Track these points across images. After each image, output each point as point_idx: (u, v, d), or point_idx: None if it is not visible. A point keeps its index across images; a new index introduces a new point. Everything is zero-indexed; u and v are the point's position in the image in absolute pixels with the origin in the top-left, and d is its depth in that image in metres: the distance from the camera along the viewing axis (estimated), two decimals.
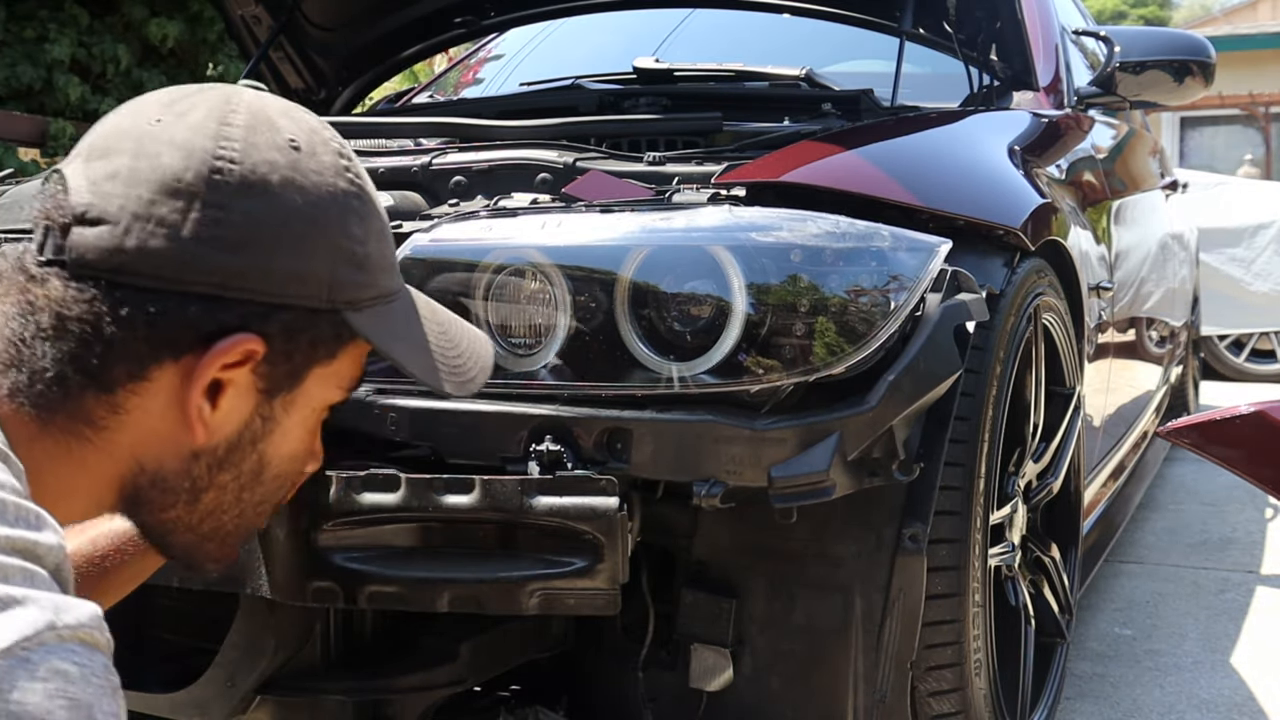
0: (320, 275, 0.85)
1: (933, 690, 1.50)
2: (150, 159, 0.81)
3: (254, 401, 0.87)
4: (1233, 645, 2.44)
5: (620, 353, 1.32)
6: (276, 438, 0.90)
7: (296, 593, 1.33)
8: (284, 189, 0.83)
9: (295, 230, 0.84)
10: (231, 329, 0.82)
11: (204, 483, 0.88)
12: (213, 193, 0.81)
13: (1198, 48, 2.73)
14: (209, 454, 0.87)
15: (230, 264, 0.81)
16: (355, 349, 0.92)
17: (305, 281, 0.84)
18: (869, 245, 1.36)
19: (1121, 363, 2.73)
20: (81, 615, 0.65)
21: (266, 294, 0.83)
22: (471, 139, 1.81)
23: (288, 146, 0.85)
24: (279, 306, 0.84)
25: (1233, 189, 6.73)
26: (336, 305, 0.87)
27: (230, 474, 0.89)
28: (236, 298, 0.82)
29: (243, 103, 0.86)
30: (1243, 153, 12.11)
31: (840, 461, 1.30)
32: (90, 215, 0.80)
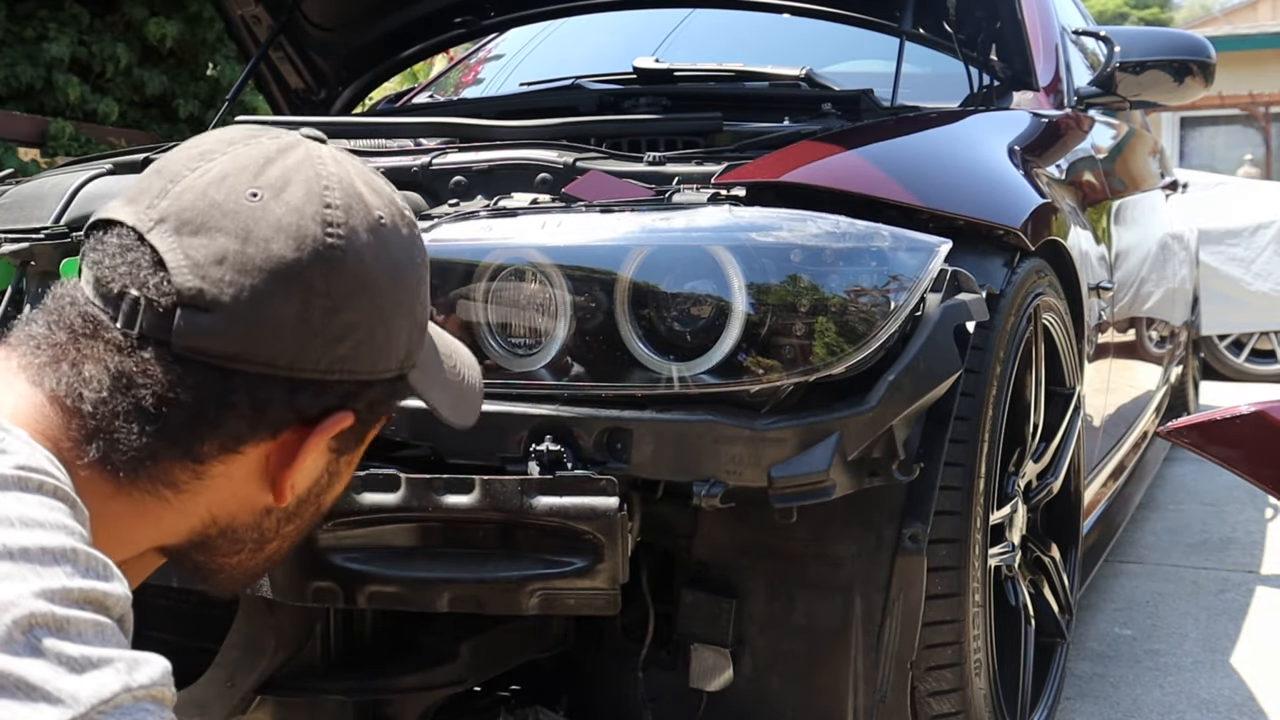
0: (400, 349, 0.88)
1: (933, 690, 1.50)
2: (260, 245, 0.80)
3: (325, 462, 0.90)
4: (1233, 645, 2.44)
5: (620, 353, 1.32)
6: (334, 488, 0.94)
7: (296, 593, 1.33)
8: (378, 272, 0.84)
9: (387, 313, 0.86)
10: (332, 410, 0.84)
11: (271, 534, 0.90)
12: (324, 283, 0.81)
13: (1198, 48, 2.73)
14: (280, 511, 0.89)
15: (337, 351, 0.83)
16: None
17: (391, 357, 0.87)
18: (869, 245, 1.36)
19: (1121, 363, 2.73)
20: (154, 673, 0.67)
21: (362, 373, 0.85)
22: (471, 139, 1.81)
23: (378, 225, 0.86)
24: (369, 384, 0.86)
25: (1233, 189, 6.73)
26: (405, 370, 0.90)
27: (294, 525, 0.92)
28: (338, 380, 0.84)
29: (330, 174, 0.85)
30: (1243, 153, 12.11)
31: (840, 461, 1.30)
32: (201, 301, 0.79)
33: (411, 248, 0.89)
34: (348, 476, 0.95)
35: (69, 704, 0.62)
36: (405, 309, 0.87)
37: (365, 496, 1.31)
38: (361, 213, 0.85)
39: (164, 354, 0.79)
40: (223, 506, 0.86)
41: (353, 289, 0.83)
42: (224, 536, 0.88)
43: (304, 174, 0.84)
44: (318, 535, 1.32)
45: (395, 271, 0.86)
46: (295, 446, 0.85)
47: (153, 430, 0.79)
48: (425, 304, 0.91)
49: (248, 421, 0.81)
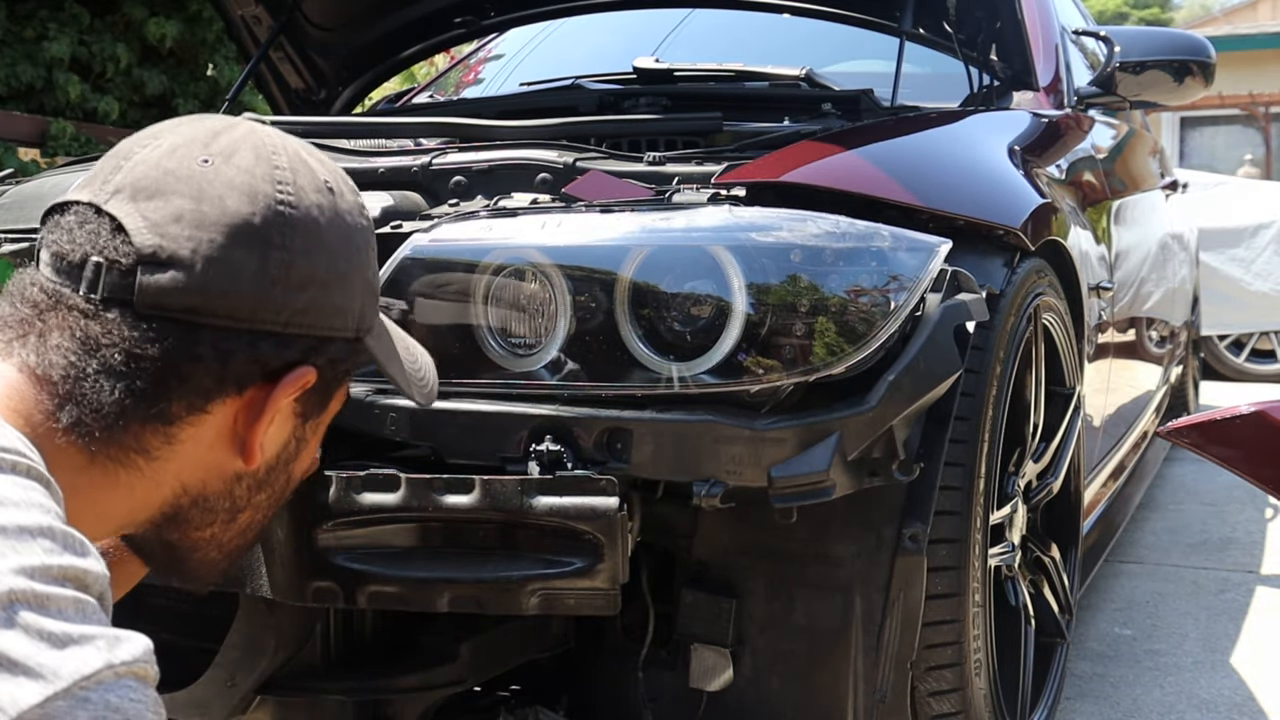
0: (355, 308, 0.91)
1: (933, 690, 1.50)
2: (215, 202, 0.83)
3: (291, 427, 0.92)
4: (1233, 645, 2.44)
5: (620, 353, 1.32)
6: (302, 457, 0.96)
7: (296, 593, 1.33)
8: (329, 230, 0.88)
9: (340, 269, 0.89)
10: (295, 363, 0.87)
11: (243, 502, 0.92)
12: (279, 235, 0.85)
13: (1198, 48, 2.73)
14: (250, 477, 0.91)
15: (295, 302, 0.86)
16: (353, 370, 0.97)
17: (347, 314, 0.90)
18: (869, 245, 1.36)
19: (1121, 363, 2.73)
20: (135, 650, 0.68)
21: (321, 328, 0.88)
22: (471, 139, 1.81)
23: (325, 188, 0.90)
24: (328, 340, 0.89)
25: (1233, 189, 6.73)
26: (361, 333, 0.93)
27: (266, 493, 0.94)
28: (298, 333, 0.87)
29: (275, 143, 0.89)
30: (1243, 153, 12.11)
31: (840, 461, 1.30)
32: (160, 257, 0.81)
33: (359, 213, 0.93)
34: (314, 446, 0.97)
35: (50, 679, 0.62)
36: (358, 268, 0.91)
37: (365, 496, 1.31)
38: (308, 175, 0.89)
39: (128, 313, 0.81)
40: (194, 473, 0.87)
41: (308, 243, 0.86)
42: (196, 506, 0.89)
43: (250, 142, 0.88)
44: (317, 535, 1.32)
45: (346, 231, 0.90)
46: (261, 403, 0.87)
47: (122, 388, 0.81)
48: (375, 269, 0.95)
49: (213, 376, 0.83)
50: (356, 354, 0.93)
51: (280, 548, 1.32)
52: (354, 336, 0.92)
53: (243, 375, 0.85)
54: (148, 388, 0.81)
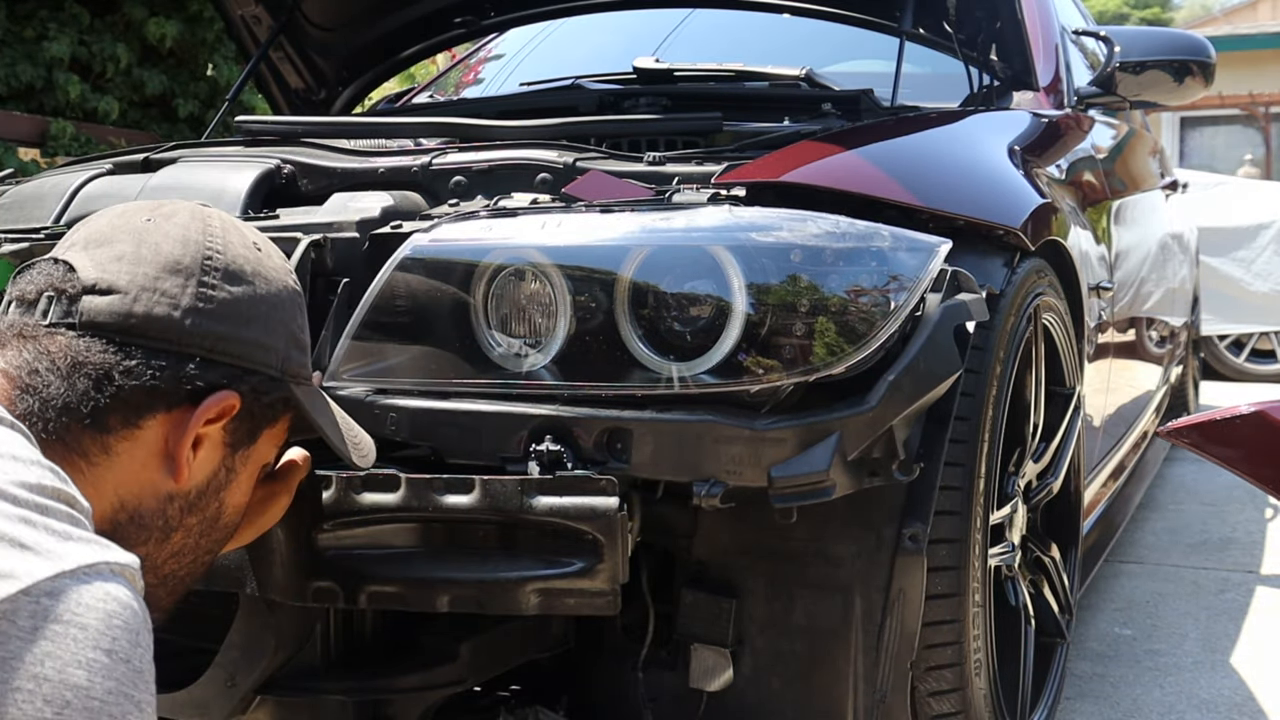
0: (279, 350, 1.05)
1: (933, 690, 1.50)
2: (151, 246, 0.99)
3: (220, 455, 1.04)
4: (1233, 645, 2.44)
5: (620, 353, 1.32)
6: (232, 488, 1.06)
7: (296, 593, 1.33)
8: (254, 278, 1.04)
9: (263, 310, 1.03)
10: (217, 387, 0.99)
11: (175, 523, 1.02)
12: (205, 275, 1.00)
13: (1198, 48, 2.73)
14: (182, 497, 1.01)
15: (218, 331, 1.00)
16: (287, 420, 1.10)
17: (270, 353, 1.04)
18: (869, 245, 1.36)
19: (1121, 363, 2.73)
20: (128, 559, 0.77)
21: (243, 359, 1.01)
22: (471, 139, 1.81)
23: (253, 246, 1.06)
24: (251, 371, 1.02)
25: (1233, 189, 6.73)
26: (285, 378, 1.06)
27: (196, 517, 1.04)
28: (222, 360, 1.00)
29: (212, 213, 1.06)
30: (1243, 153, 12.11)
31: (840, 461, 1.30)
32: (100, 287, 0.96)
33: (284, 274, 1.08)
34: (246, 482, 1.08)
35: (57, 560, 0.72)
36: (280, 317, 1.05)
37: (365, 496, 1.30)
38: (238, 235, 1.06)
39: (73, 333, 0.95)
40: (129, 488, 0.97)
41: (232, 283, 1.02)
42: (133, 523, 0.98)
43: (189, 209, 1.06)
44: (317, 535, 1.32)
45: (269, 283, 1.05)
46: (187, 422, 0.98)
47: (66, 387, 0.93)
48: (302, 328, 1.09)
49: (144, 391, 0.95)
50: (282, 396, 1.05)
51: (280, 548, 1.32)
52: (279, 376, 1.04)
53: (170, 393, 0.97)
54: (88, 390, 0.93)
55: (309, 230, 1.47)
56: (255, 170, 1.63)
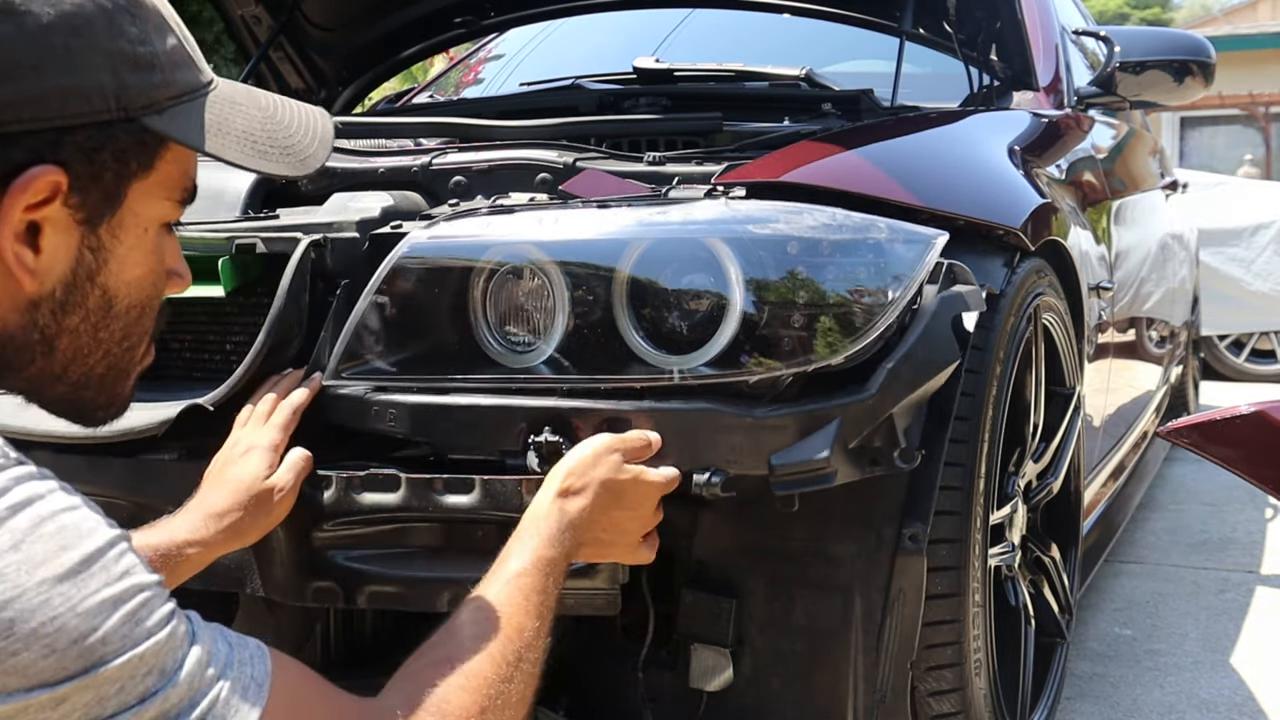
0: (101, 85, 0.80)
1: (933, 690, 1.50)
2: None
3: (78, 235, 0.83)
4: (1233, 645, 2.44)
5: (618, 347, 1.32)
6: (114, 267, 0.86)
7: (296, 593, 1.33)
8: (34, 4, 0.78)
9: (55, 45, 0.78)
10: (23, 165, 0.77)
11: (53, 330, 0.84)
12: None
13: (1198, 48, 2.73)
14: (48, 300, 0.83)
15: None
16: (173, 155, 0.87)
17: (86, 96, 0.80)
18: (866, 237, 1.36)
19: (1121, 363, 2.73)
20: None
21: (47, 119, 0.78)
22: (471, 139, 1.81)
23: None
24: (66, 130, 0.79)
25: (1233, 189, 6.73)
26: (131, 113, 0.82)
27: (77, 316, 0.85)
28: (15, 131, 0.77)
29: None
30: (1243, 153, 12.12)
31: (841, 449, 1.29)
32: None
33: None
34: (136, 251, 0.87)
35: None
36: (90, 44, 0.80)
37: (365, 496, 1.31)
38: None
39: None
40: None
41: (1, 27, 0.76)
42: (8, 347, 0.83)
43: None
44: (317, 535, 1.32)
45: (56, 4, 0.79)
46: (5, 214, 0.78)
47: None
48: (138, 39, 0.83)
49: None
50: (132, 137, 0.83)
51: (280, 548, 1.32)
52: (115, 117, 0.81)
53: None
54: None
55: (309, 230, 1.47)
56: None
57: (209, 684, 0.74)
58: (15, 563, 0.67)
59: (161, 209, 0.88)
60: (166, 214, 0.89)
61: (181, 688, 0.72)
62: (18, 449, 0.75)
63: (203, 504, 1.24)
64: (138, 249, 0.87)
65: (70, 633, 0.68)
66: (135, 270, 0.87)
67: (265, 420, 1.32)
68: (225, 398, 1.38)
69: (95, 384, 0.90)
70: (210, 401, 1.37)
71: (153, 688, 0.71)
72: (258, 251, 1.45)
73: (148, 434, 1.38)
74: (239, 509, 1.24)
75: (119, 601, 0.71)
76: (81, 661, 0.68)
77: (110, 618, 0.70)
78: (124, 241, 0.86)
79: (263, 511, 1.26)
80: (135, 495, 1.41)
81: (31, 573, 0.68)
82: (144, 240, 0.88)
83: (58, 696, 0.67)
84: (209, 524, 1.22)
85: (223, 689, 0.75)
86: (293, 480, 1.28)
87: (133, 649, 0.70)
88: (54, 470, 0.77)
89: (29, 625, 0.66)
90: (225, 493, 1.25)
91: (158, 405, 1.42)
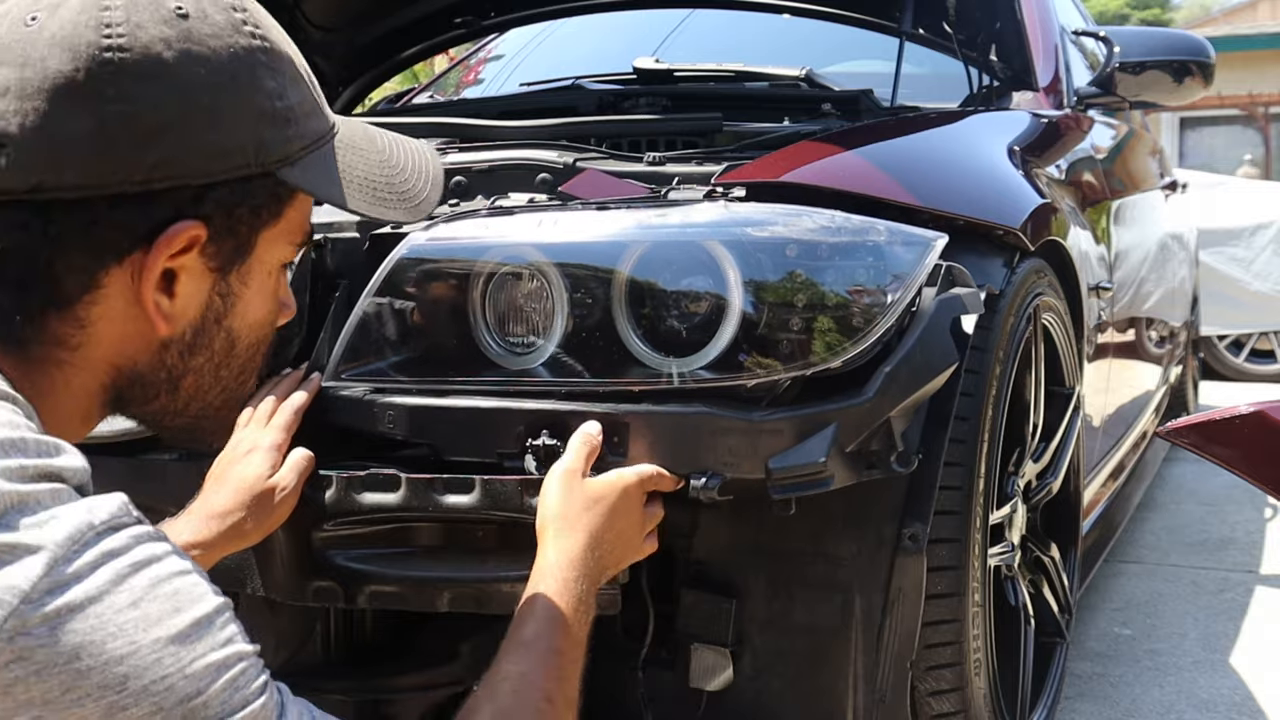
0: (244, 143, 0.82)
1: (933, 690, 1.50)
2: (36, 66, 0.76)
3: (210, 282, 0.86)
4: (1232, 645, 2.44)
5: (617, 349, 1.32)
6: (240, 310, 0.89)
7: (296, 593, 1.33)
8: (182, 64, 0.79)
9: (205, 103, 0.80)
10: (167, 220, 0.80)
11: (179, 370, 0.88)
12: (110, 87, 0.77)
13: (1197, 48, 2.73)
14: (178, 342, 0.86)
15: (148, 156, 0.78)
16: (300, 202, 0.90)
17: (230, 154, 0.82)
18: (865, 240, 1.36)
19: (1121, 363, 2.73)
20: (112, 507, 0.73)
21: (193, 176, 0.81)
22: (472, 139, 1.81)
23: (175, 17, 0.80)
24: (209, 186, 0.82)
25: (1232, 189, 6.73)
26: (268, 167, 0.84)
27: (203, 356, 0.89)
28: (164, 188, 0.80)
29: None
30: (1242, 153, 12.12)
31: (838, 452, 1.30)
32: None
33: (234, 35, 0.83)
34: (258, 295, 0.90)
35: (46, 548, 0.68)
36: (238, 97, 0.82)
37: (365, 496, 1.31)
38: (150, 8, 0.79)
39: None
40: (119, 351, 0.84)
41: (150, 88, 0.78)
42: (135, 385, 0.87)
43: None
44: (318, 535, 1.32)
45: (210, 59, 0.80)
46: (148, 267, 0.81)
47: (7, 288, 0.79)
48: (276, 94, 0.85)
49: (83, 251, 0.79)
50: (268, 190, 0.86)
51: (280, 547, 1.32)
52: (256, 173, 0.83)
53: (114, 243, 0.80)
54: (27, 279, 0.79)
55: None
56: None
57: None
58: (133, 620, 0.70)
59: (284, 253, 0.92)
60: (287, 257, 0.93)
61: None
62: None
63: (205, 505, 1.24)
64: (260, 293, 0.91)
65: (177, 693, 0.70)
66: (258, 313, 0.91)
67: (267, 421, 1.33)
68: None
69: (212, 416, 0.94)
70: None
71: None
72: None
73: (148, 434, 1.38)
74: (241, 509, 1.24)
75: (223, 667, 0.73)
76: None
77: (215, 683, 0.72)
78: (250, 287, 0.89)
79: (265, 511, 1.26)
80: (135, 495, 1.40)
81: (147, 631, 0.70)
82: (267, 284, 0.91)
83: None
84: (211, 525, 1.22)
85: None
86: (295, 480, 1.28)
87: (231, 715, 0.73)
88: None
89: (141, 682, 0.69)
90: (228, 493, 1.25)
91: None
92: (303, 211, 0.91)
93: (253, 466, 1.27)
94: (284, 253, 0.92)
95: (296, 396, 1.35)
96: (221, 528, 1.23)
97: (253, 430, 1.32)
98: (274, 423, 1.32)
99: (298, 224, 0.91)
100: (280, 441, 1.30)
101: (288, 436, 1.31)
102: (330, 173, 0.90)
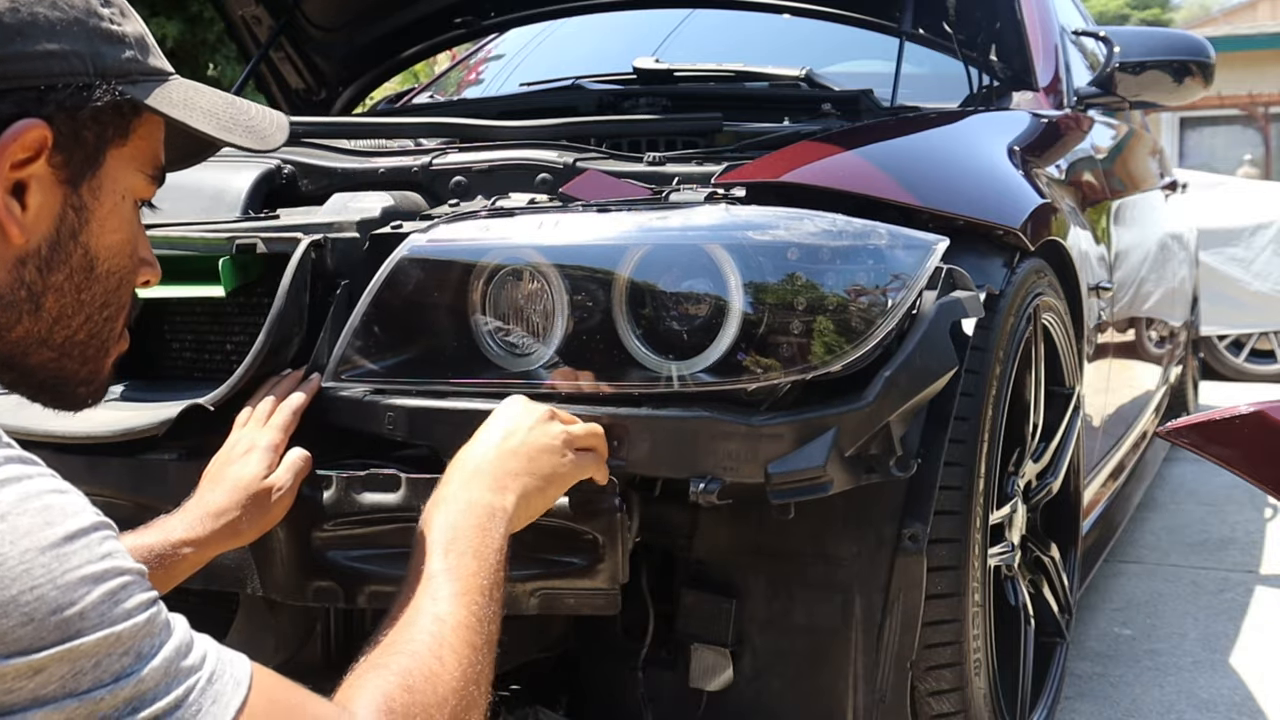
0: (80, 51, 0.87)
1: (933, 690, 1.50)
2: None
3: (61, 194, 0.88)
4: (1232, 645, 2.44)
5: (618, 352, 1.32)
6: (94, 227, 0.91)
7: (296, 593, 1.33)
8: None
9: (39, 15, 0.85)
10: (9, 118, 0.83)
11: (39, 287, 0.88)
12: None
13: (1197, 48, 2.73)
14: (34, 256, 0.87)
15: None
16: (146, 130, 0.93)
17: (66, 58, 0.86)
18: (866, 243, 1.36)
19: (1121, 363, 2.73)
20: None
21: (32, 76, 0.84)
22: (471, 139, 1.81)
23: None
24: (49, 88, 0.85)
25: (1232, 189, 6.73)
26: (107, 78, 0.89)
27: (62, 273, 0.89)
28: (6, 88, 0.83)
29: None
30: (1242, 153, 12.12)
31: (837, 457, 1.30)
32: None
33: None
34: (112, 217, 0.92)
35: None
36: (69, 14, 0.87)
37: (365, 496, 1.31)
38: None
39: None
40: None
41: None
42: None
43: None
44: (317, 535, 1.32)
45: None
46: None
47: None
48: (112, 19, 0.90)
49: None
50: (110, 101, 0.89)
51: (280, 548, 1.32)
52: (95, 83, 0.87)
53: None
54: None
55: (309, 230, 1.47)
56: (256, 170, 1.63)
57: (185, 674, 0.75)
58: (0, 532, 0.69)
59: (136, 181, 0.94)
60: (140, 188, 0.94)
61: (157, 672, 0.73)
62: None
63: (200, 503, 1.24)
64: (115, 214, 0.92)
65: (49, 603, 0.69)
66: (114, 235, 0.92)
67: (265, 421, 1.33)
68: (225, 398, 1.38)
69: (78, 352, 0.93)
70: (210, 401, 1.38)
71: (128, 668, 0.72)
72: (258, 251, 1.45)
73: (148, 434, 1.38)
74: (236, 508, 1.24)
75: (99, 580, 0.72)
76: (58, 633, 0.69)
77: (90, 594, 0.71)
78: (104, 204, 0.91)
79: (260, 511, 1.26)
80: (135, 495, 1.41)
81: (15, 543, 0.69)
82: (121, 207, 0.93)
83: (34, 665, 0.68)
84: (205, 523, 1.22)
85: (199, 680, 0.76)
86: (291, 480, 1.28)
87: (109, 627, 0.71)
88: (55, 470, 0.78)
89: (9, 592, 0.68)
90: (223, 492, 1.25)
91: (158, 405, 1.42)
92: (151, 142, 0.94)
93: (249, 466, 1.27)
94: (136, 181, 0.94)
95: (295, 397, 1.35)
96: (216, 526, 1.23)
97: (250, 430, 1.32)
98: (272, 422, 1.32)
99: (147, 153, 0.94)
100: (278, 441, 1.30)
101: (285, 437, 1.31)
102: (172, 97, 0.94)
